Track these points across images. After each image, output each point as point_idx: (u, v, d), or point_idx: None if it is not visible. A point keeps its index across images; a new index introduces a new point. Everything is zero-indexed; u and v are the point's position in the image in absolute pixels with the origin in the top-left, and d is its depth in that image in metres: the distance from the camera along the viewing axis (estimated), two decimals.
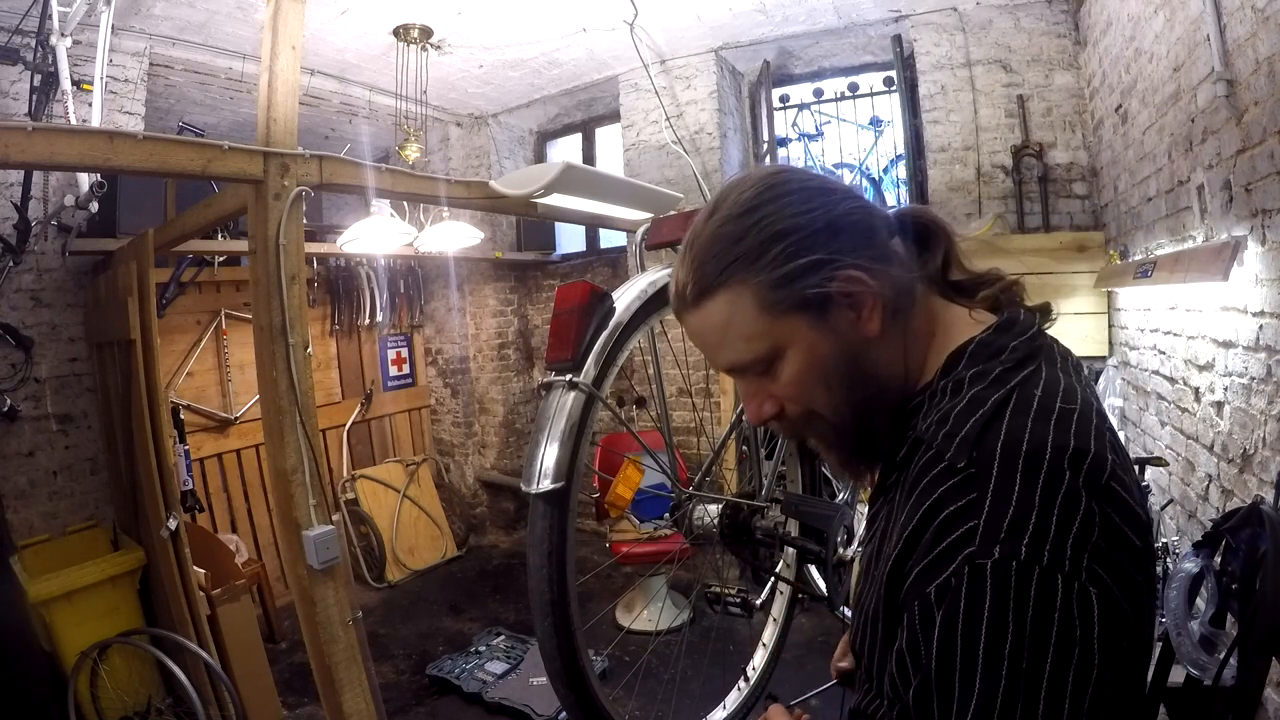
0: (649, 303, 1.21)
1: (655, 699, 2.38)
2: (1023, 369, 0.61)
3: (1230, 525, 1.31)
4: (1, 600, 2.17)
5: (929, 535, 0.55)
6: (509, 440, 5.28)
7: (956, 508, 0.54)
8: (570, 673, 1.08)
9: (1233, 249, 1.77)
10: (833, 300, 0.63)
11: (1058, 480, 0.52)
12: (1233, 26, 1.77)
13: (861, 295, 0.64)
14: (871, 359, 0.67)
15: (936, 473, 0.57)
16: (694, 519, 1.38)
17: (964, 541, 0.52)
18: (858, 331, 0.65)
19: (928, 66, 3.61)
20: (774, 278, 0.63)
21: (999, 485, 0.53)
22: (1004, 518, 0.51)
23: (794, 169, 0.70)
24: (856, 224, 0.65)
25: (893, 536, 0.60)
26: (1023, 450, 0.54)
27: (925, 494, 0.57)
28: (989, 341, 0.65)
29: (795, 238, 0.63)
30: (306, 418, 2.07)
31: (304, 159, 2.11)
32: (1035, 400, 0.58)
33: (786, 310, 0.63)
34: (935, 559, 0.53)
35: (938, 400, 0.63)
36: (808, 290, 0.63)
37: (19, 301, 3.01)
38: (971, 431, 0.57)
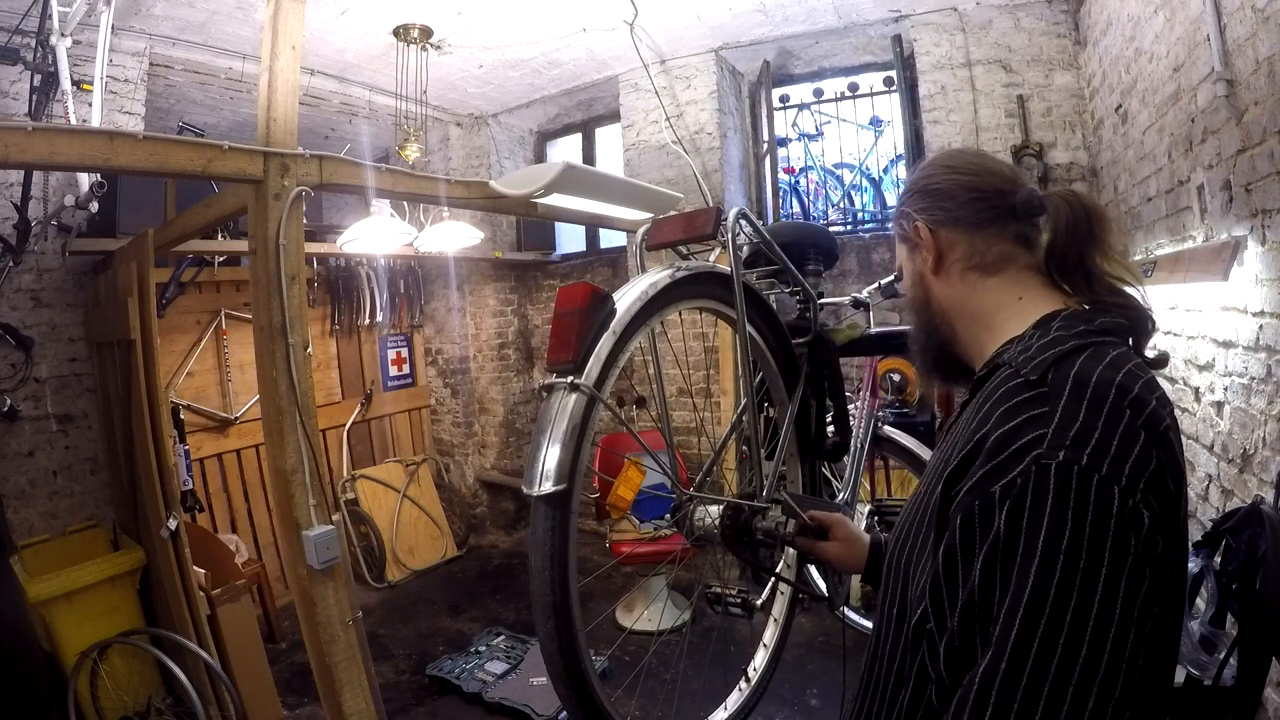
0: (650, 304, 1.20)
1: (656, 699, 2.38)
2: (1106, 335, 0.69)
3: (1230, 525, 1.31)
4: (1, 600, 2.17)
5: (997, 438, 0.59)
6: (509, 440, 5.28)
7: (1028, 416, 0.59)
8: (572, 674, 1.08)
9: (1233, 249, 1.78)
10: (910, 239, 0.87)
11: (1119, 414, 0.58)
12: (1233, 26, 1.77)
13: (924, 242, 0.84)
14: (932, 291, 0.86)
15: (1012, 385, 0.64)
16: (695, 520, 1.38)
17: (1032, 445, 0.57)
18: (923, 267, 0.86)
19: (928, 66, 3.61)
20: (896, 214, 0.91)
21: (1068, 404, 0.59)
22: (1070, 429, 0.57)
23: (960, 153, 0.89)
24: (944, 193, 0.83)
25: (959, 440, 0.66)
26: (1092, 382, 0.60)
27: (999, 402, 0.63)
28: (1081, 313, 0.73)
29: (908, 194, 0.88)
30: (306, 418, 2.07)
31: (304, 159, 2.10)
32: (1109, 355, 0.65)
33: (900, 241, 0.91)
34: (1003, 460, 0.58)
35: (1025, 340, 0.72)
36: (900, 228, 0.89)
37: (19, 301, 3.01)
38: (1049, 358, 0.64)
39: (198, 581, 2.65)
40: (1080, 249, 0.77)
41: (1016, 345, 0.72)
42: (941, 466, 0.66)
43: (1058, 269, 0.79)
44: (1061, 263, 0.78)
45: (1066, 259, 0.78)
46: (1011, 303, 0.79)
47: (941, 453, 0.74)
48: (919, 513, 0.69)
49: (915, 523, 0.69)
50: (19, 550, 2.55)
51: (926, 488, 0.71)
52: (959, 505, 0.59)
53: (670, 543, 3.41)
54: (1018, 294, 0.79)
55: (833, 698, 2.74)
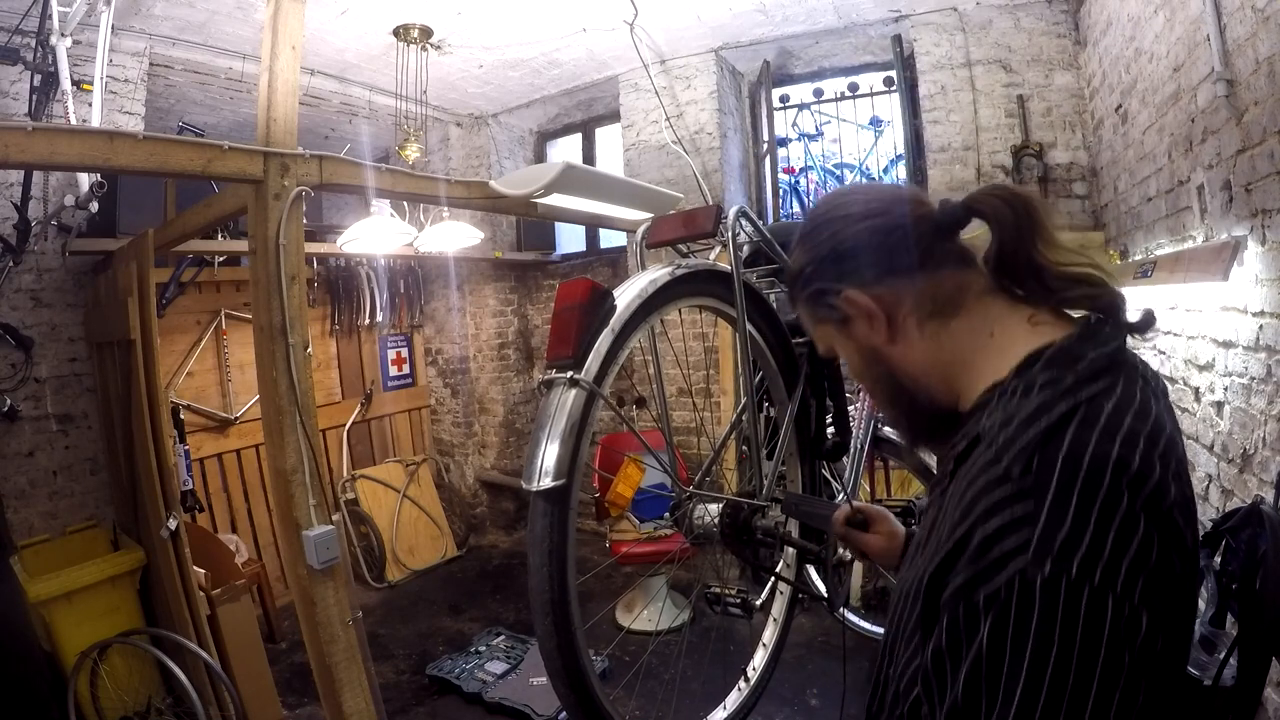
0: (650, 300, 1.21)
1: (655, 699, 2.38)
2: (1097, 381, 0.60)
3: (1230, 525, 1.31)
4: (2, 600, 2.17)
5: (979, 541, 0.55)
6: (509, 440, 5.28)
7: (1012, 518, 0.54)
8: (570, 672, 1.08)
9: (1233, 249, 1.77)
10: (844, 316, 0.75)
11: (1115, 501, 0.52)
12: (1233, 26, 1.77)
13: (864, 312, 0.73)
14: (895, 361, 0.74)
15: (993, 478, 0.57)
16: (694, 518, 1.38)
17: (1017, 554, 0.52)
18: (873, 339, 0.74)
19: (928, 66, 3.61)
20: (805, 299, 0.79)
21: (1056, 500, 0.53)
22: (1058, 534, 0.51)
23: (843, 197, 0.80)
24: (863, 246, 0.73)
25: (942, 531, 0.60)
26: (1084, 466, 0.54)
27: (979, 498, 0.57)
28: (1069, 348, 0.64)
29: (810, 269, 0.77)
30: (306, 418, 2.07)
31: (304, 159, 2.11)
32: (1104, 415, 0.57)
33: (821, 320, 0.79)
34: (986, 567, 0.53)
35: (1006, 399, 0.63)
36: (825, 308, 0.76)
37: (19, 301, 3.01)
38: (1033, 440, 0.57)
39: (198, 581, 2.65)
40: (1027, 248, 0.69)
41: (997, 406, 0.64)
42: (927, 555, 0.61)
43: (1010, 277, 0.71)
44: (1012, 270, 0.70)
45: (1017, 265, 0.70)
46: (985, 342, 0.70)
47: (923, 532, 0.69)
48: (910, 592, 0.63)
49: (908, 599, 0.64)
50: (19, 550, 2.54)
51: (915, 573, 0.64)
52: (944, 605, 0.56)
53: (670, 542, 3.41)
54: (988, 330, 0.70)
55: (832, 698, 2.74)
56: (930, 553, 0.60)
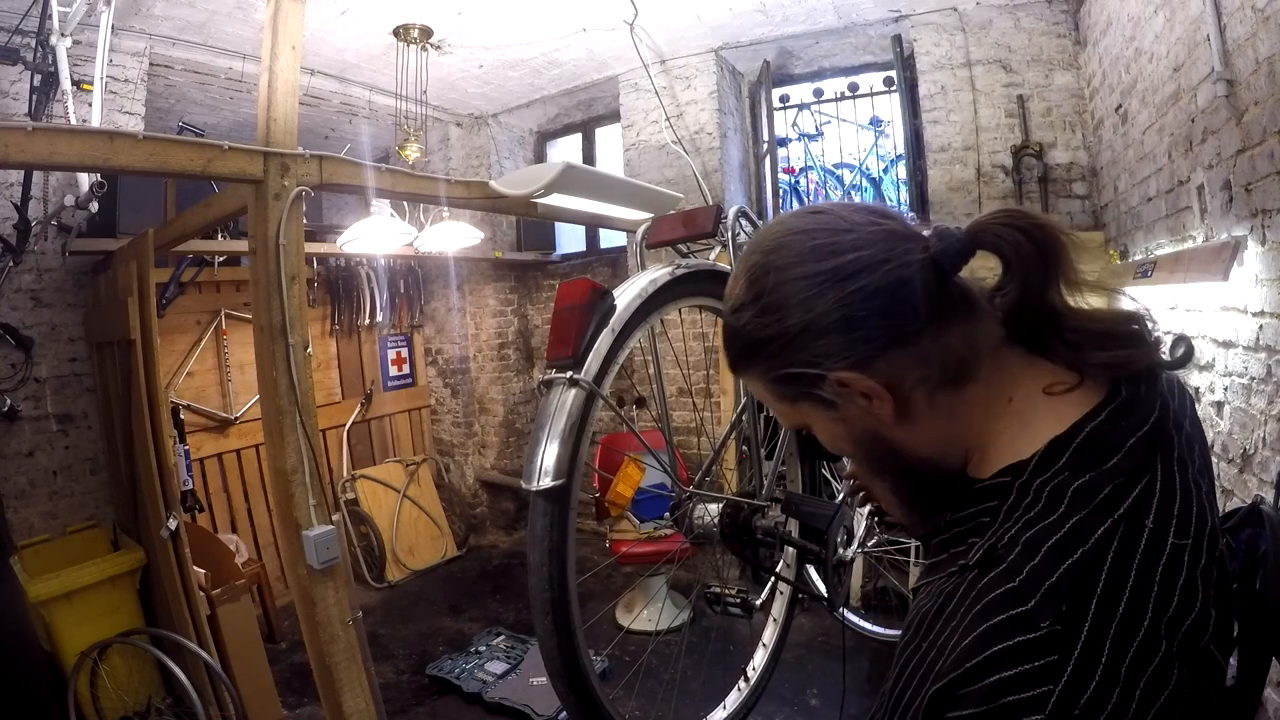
0: (650, 300, 1.21)
1: (655, 699, 2.38)
2: (1138, 481, 0.53)
3: (1230, 525, 1.31)
4: (2, 600, 2.17)
5: (992, 684, 0.48)
6: (509, 440, 5.28)
7: (1033, 666, 0.48)
8: (570, 671, 1.08)
9: (1233, 249, 1.77)
10: (826, 400, 0.61)
11: (1152, 651, 0.48)
12: (1233, 26, 1.77)
13: (861, 394, 0.60)
14: (901, 443, 0.63)
15: (1015, 616, 0.50)
16: (694, 518, 1.38)
17: (1034, 707, 0.47)
18: (873, 419, 0.61)
19: (928, 66, 3.61)
20: (769, 378, 0.64)
21: (1084, 654, 0.47)
22: (1083, 693, 0.46)
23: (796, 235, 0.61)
24: (855, 319, 0.57)
25: (945, 640, 0.54)
26: (1120, 611, 0.48)
27: (998, 635, 0.50)
28: (1101, 435, 0.55)
29: (775, 346, 0.61)
30: (306, 418, 2.07)
31: (304, 159, 2.11)
32: (1145, 536, 0.51)
33: (795, 401, 0.64)
34: (996, 711, 0.48)
35: (1029, 502, 0.55)
36: (799, 390, 0.62)
37: (19, 301, 3.01)
38: (1064, 578, 0.50)
39: (198, 581, 2.65)
40: (1048, 293, 0.59)
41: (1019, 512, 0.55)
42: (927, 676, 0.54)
43: (1027, 327, 0.60)
44: (1033, 320, 0.60)
45: (1038, 313, 0.59)
46: (1002, 409, 0.60)
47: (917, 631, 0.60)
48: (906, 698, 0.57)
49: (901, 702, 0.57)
50: (19, 550, 2.54)
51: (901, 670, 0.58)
52: None
53: (670, 542, 3.41)
54: (1006, 395, 0.60)
55: (832, 698, 2.74)
56: (932, 663, 0.54)
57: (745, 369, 0.66)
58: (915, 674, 0.56)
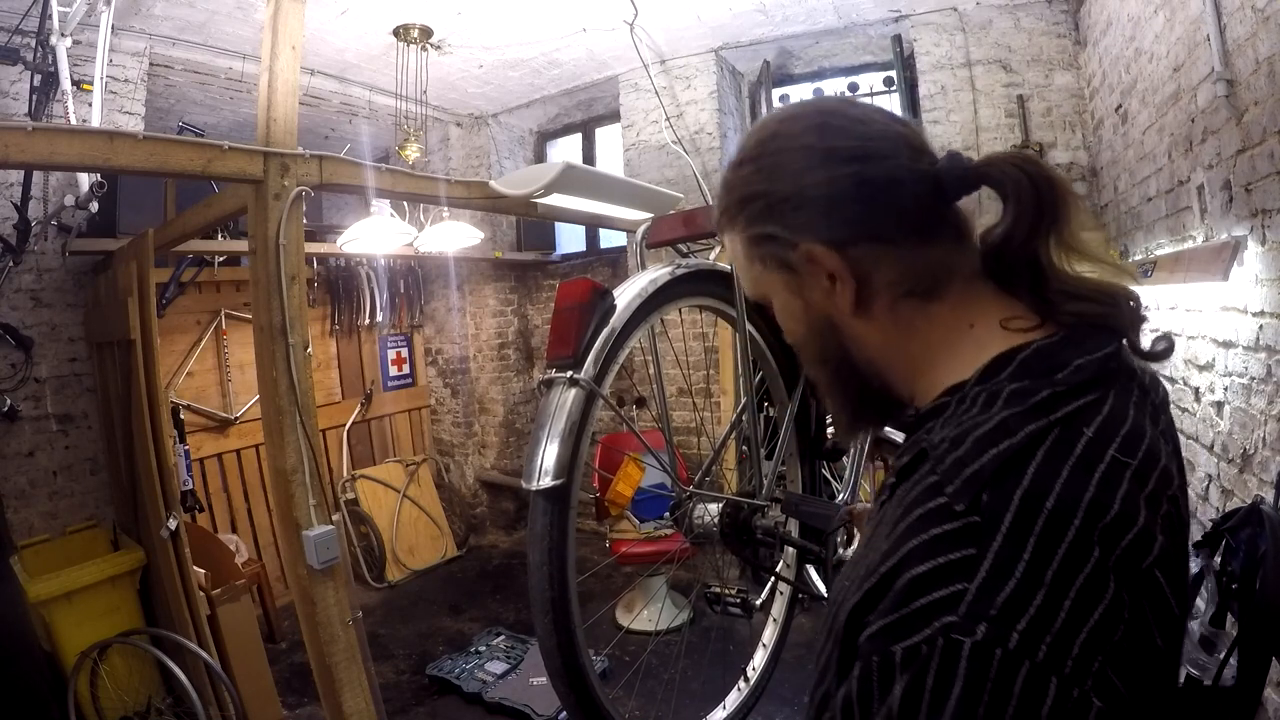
0: (650, 300, 1.21)
1: (655, 699, 2.38)
2: (1080, 396, 0.49)
3: (1230, 525, 1.31)
4: (1, 600, 2.17)
5: (905, 583, 0.44)
6: (509, 440, 5.28)
7: (946, 562, 0.43)
8: (570, 671, 1.08)
9: (1233, 249, 1.77)
10: (799, 269, 0.60)
11: (1082, 556, 0.42)
12: (1233, 26, 1.77)
13: (826, 273, 0.59)
14: (851, 336, 0.62)
15: (932, 508, 0.47)
16: (694, 518, 1.38)
17: (946, 606, 0.42)
18: (832, 304, 0.60)
19: (928, 66, 3.61)
20: (748, 236, 0.63)
21: (1004, 548, 0.42)
22: (1001, 590, 0.41)
23: (813, 111, 0.63)
24: (840, 196, 0.57)
25: (872, 556, 0.49)
26: (1047, 507, 0.43)
27: (914, 531, 0.46)
28: (1050, 351, 0.53)
29: (761, 204, 0.61)
30: (306, 418, 2.07)
31: (304, 159, 2.11)
32: (1082, 442, 0.47)
33: (765, 265, 0.63)
34: (908, 616, 0.43)
35: (963, 409, 0.52)
36: (772, 253, 0.62)
37: (19, 301, 3.01)
38: (987, 467, 0.46)
39: (198, 581, 2.65)
40: (1036, 243, 0.57)
41: (952, 415, 0.53)
42: (853, 589, 0.50)
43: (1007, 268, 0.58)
44: (1012, 263, 0.58)
45: (1019, 259, 0.57)
46: (963, 335, 0.58)
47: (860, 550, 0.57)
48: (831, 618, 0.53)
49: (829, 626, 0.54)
50: (19, 550, 2.54)
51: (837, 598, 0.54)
52: (861, 649, 0.45)
53: (669, 542, 3.41)
54: (968, 320, 0.58)
55: None
56: (858, 578, 0.50)
57: (729, 224, 0.65)
58: (838, 597, 0.53)
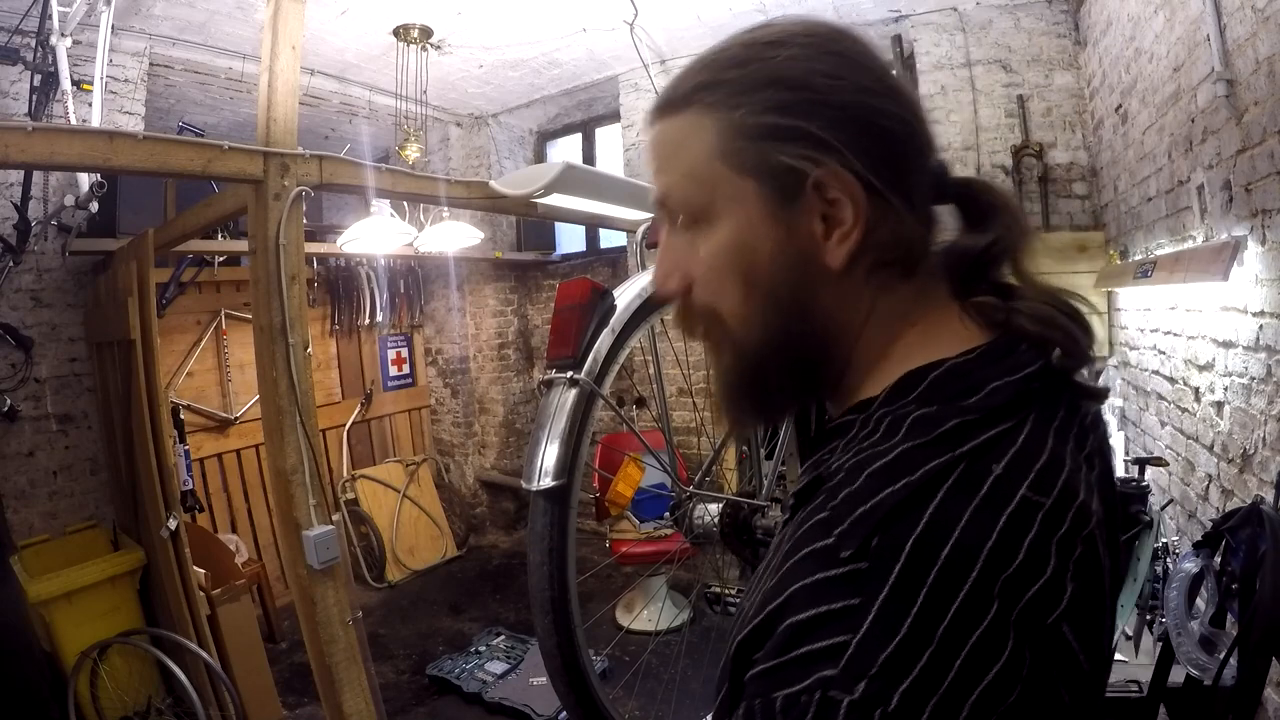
0: (650, 300, 1.21)
1: (655, 699, 2.38)
2: (992, 425, 0.43)
3: (1230, 525, 1.31)
4: (2, 600, 2.17)
5: (787, 628, 0.40)
6: (509, 440, 5.28)
7: (828, 610, 0.39)
8: (570, 671, 1.08)
9: (1233, 249, 1.77)
10: (803, 190, 0.48)
11: (980, 611, 0.37)
12: (1233, 26, 1.77)
13: (839, 206, 0.48)
14: (818, 293, 0.50)
15: (819, 548, 0.42)
16: (694, 518, 1.38)
17: (825, 657, 0.38)
18: (814, 250, 0.49)
19: (928, 66, 3.61)
20: (749, 122, 0.48)
21: (890, 600, 0.38)
22: (884, 647, 0.37)
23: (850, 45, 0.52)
24: (887, 130, 0.49)
25: (762, 591, 0.45)
26: (942, 556, 0.38)
27: (799, 572, 0.42)
28: (964, 371, 0.47)
29: (798, 95, 0.48)
30: (306, 418, 2.07)
31: (304, 159, 2.11)
32: (989, 480, 0.41)
33: (744, 167, 0.49)
34: (789, 663, 0.39)
35: (866, 432, 0.47)
36: (779, 156, 0.48)
37: (19, 301, 3.01)
38: (880, 507, 0.41)
39: (198, 581, 2.65)
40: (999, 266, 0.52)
41: (853, 438, 0.48)
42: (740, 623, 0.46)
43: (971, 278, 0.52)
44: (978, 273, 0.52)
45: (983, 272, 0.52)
46: (906, 329, 0.51)
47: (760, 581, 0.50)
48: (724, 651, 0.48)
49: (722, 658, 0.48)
50: (19, 550, 2.54)
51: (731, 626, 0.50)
52: (746, 690, 0.42)
53: (670, 542, 3.41)
54: (915, 315, 0.52)
55: None
56: (748, 613, 0.46)
57: (708, 98, 0.50)
58: (732, 626, 0.49)
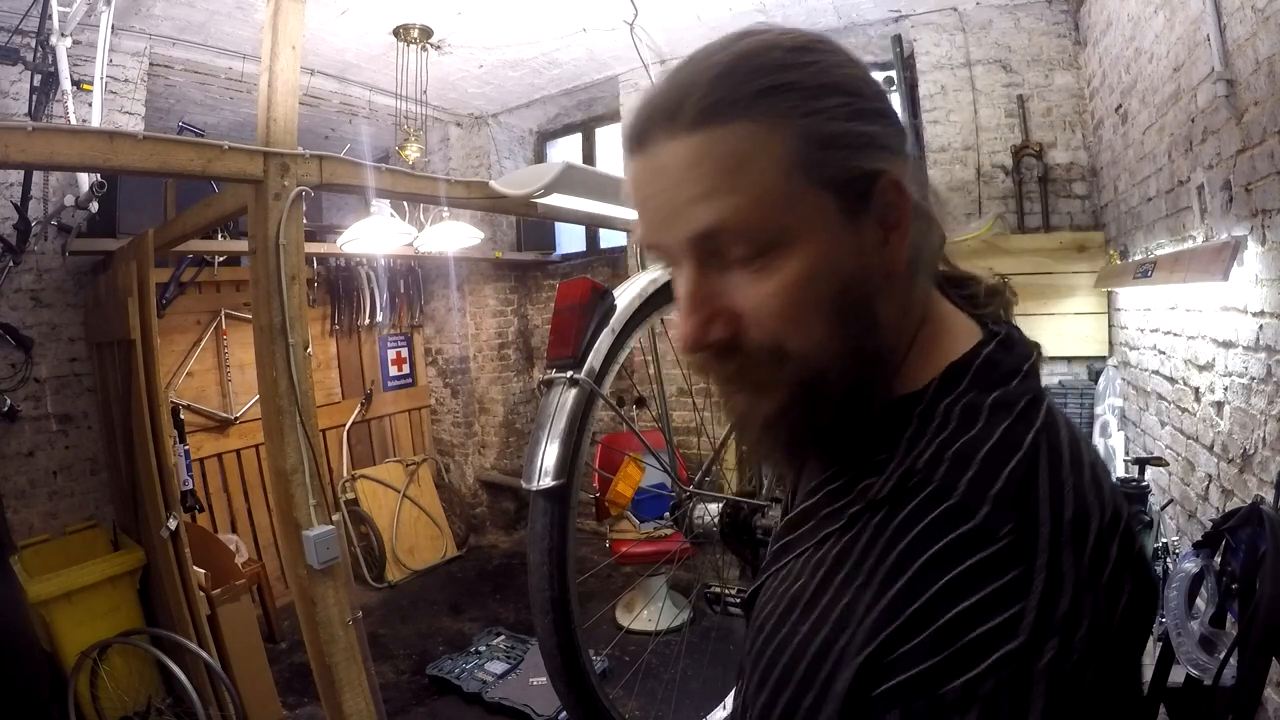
0: (650, 300, 1.21)
1: (655, 699, 2.38)
2: (1041, 400, 0.49)
3: (1230, 525, 1.31)
4: (1, 600, 2.17)
5: (950, 619, 0.41)
6: (509, 440, 5.28)
7: (995, 587, 0.41)
8: (570, 670, 1.08)
9: (1233, 249, 1.77)
10: (871, 201, 0.47)
11: (1104, 556, 0.43)
12: (1233, 26, 1.77)
13: (896, 208, 0.48)
14: (881, 302, 0.49)
15: (964, 533, 0.43)
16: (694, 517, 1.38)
17: (1002, 634, 0.39)
18: (877, 257, 0.48)
19: (928, 66, 3.61)
20: (827, 130, 0.45)
21: (1051, 562, 0.41)
22: (1058, 606, 0.40)
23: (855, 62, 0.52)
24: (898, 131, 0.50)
25: (856, 617, 0.44)
26: (1068, 517, 0.43)
27: (943, 562, 0.43)
28: (998, 361, 0.50)
29: (858, 102, 0.47)
30: (306, 418, 2.07)
31: (304, 159, 2.11)
32: (1065, 446, 0.46)
33: (823, 182, 0.46)
34: (959, 652, 0.40)
35: (938, 426, 0.48)
36: (856, 163, 0.46)
37: (19, 301, 3.01)
38: (1010, 484, 0.44)
39: (198, 581, 2.65)
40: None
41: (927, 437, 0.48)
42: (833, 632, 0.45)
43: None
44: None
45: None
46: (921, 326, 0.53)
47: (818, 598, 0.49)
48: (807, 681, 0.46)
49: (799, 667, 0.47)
50: (19, 550, 2.54)
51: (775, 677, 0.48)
52: (891, 698, 0.41)
53: (670, 542, 3.41)
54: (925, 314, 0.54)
55: None
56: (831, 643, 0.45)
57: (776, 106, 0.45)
58: (800, 666, 0.47)
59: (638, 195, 0.49)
